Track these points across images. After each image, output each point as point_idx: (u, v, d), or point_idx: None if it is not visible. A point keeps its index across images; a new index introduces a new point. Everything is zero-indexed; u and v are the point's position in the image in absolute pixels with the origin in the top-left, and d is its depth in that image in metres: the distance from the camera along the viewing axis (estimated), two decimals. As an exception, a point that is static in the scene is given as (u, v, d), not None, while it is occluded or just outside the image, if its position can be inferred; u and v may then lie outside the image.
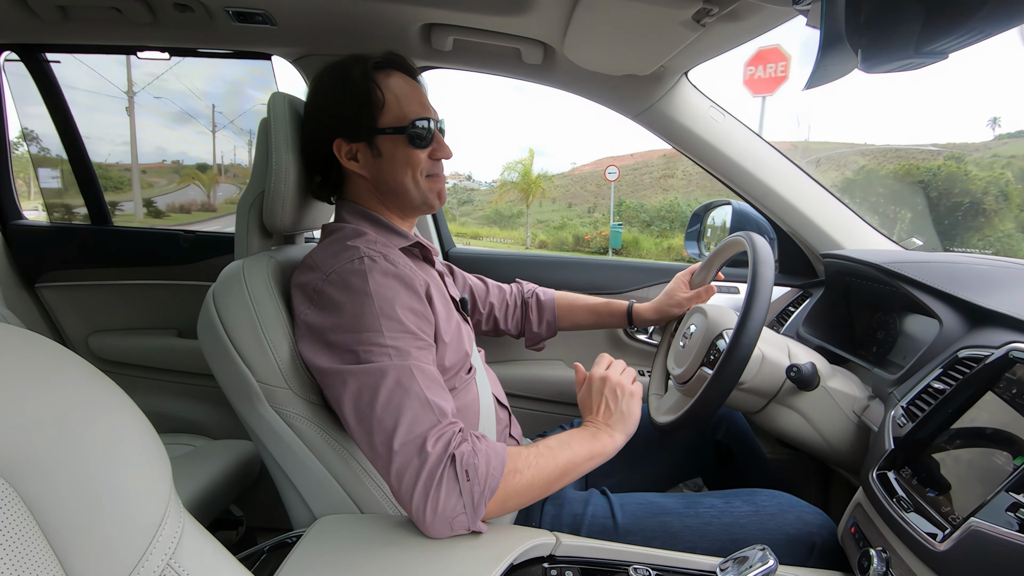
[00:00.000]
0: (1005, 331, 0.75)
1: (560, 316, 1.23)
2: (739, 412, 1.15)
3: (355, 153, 0.87)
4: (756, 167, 1.35)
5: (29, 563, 0.35)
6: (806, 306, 1.30)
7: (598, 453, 0.79)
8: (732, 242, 1.07)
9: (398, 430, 0.68)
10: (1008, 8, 0.42)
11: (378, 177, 0.88)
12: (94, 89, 15.18)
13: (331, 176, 0.91)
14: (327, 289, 0.76)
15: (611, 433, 0.81)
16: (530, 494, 0.74)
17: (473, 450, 0.69)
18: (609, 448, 0.81)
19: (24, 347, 0.41)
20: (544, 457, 0.75)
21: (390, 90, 0.86)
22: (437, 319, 0.81)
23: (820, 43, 0.57)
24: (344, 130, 0.86)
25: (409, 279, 0.78)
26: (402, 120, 0.85)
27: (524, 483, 0.72)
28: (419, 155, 0.87)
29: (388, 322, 0.73)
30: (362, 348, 0.72)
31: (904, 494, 0.70)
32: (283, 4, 1.16)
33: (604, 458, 0.80)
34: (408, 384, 0.70)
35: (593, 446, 0.79)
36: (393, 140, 0.86)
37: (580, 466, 0.78)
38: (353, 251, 0.78)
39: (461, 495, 0.67)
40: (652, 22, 0.93)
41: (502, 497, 0.71)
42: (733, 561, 0.65)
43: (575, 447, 0.78)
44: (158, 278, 1.69)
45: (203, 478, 1.22)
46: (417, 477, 0.67)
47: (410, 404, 0.69)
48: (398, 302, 0.75)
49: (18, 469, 0.36)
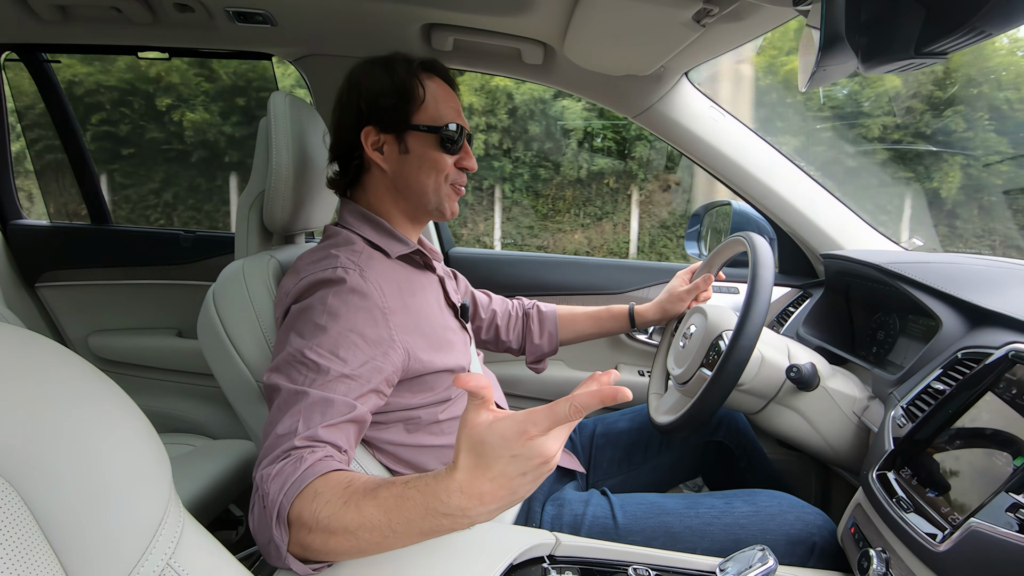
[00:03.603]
0: (1005, 331, 0.75)
1: (562, 326, 1.20)
2: (740, 412, 1.15)
3: (381, 144, 0.86)
4: (756, 167, 1.35)
5: (29, 562, 0.35)
6: (806, 306, 1.30)
7: (412, 531, 0.54)
8: (732, 242, 1.07)
9: (265, 443, 0.65)
10: (1008, 8, 0.42)
11: (399, 174, 0.87)
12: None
13: (351, 167, 0.89)
14: (294, 293, 0.77)
15: (460, 520, 0.53)
16: (328, 548, 0.56)
17: (273, 473, 0.60)
18: (438, 532, 0.55)
19: (24, 347, 0.41)
20: (340, 516, 0.55)
21: (431, 91, 0.86)
22: (418, 324, 0.81)
23: (820, 43, 0.57)
24: (377, 119, 0.85)
25: (373, 302, 0.75)
26: (437, 121, 0.85)
27: (314, 532, 0.56)
28: (446, 160, 0.86)
29: (324, 338, 0.70)
30: (289, 350, 0.71)
31: (904, 494, 0.70)
32: (283, 4, 1.16)
33: (411, 539, 0.56)
34: (293, 403, 0.66)
35: (419, 523, 0.53)
36: (424, 139, 0.85)
37: (384, 540, 0.55)
38: (333, 260, 0.77)
39: (261, 522, 0.59)
40: (652, 22, 0.93)
41: (299, 538, 0.56)
42: (733, 561, 0.65)
43: (395, 514, 0.54)
44: (158, 278, 1.69)
45: (203, 478, 1.22)
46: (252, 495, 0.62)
47: (278, 425, 0.65)
48: (348, 324, 0.72)
49: (18, 469, 0.36)
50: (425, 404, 0.82)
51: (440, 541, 0.69)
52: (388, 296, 0.78)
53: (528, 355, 1.21)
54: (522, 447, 0.49)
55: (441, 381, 0.83)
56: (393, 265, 0.85)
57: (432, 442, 0.83)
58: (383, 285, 0.78)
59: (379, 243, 0.85)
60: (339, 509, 0.55)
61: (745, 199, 1.41)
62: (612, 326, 1.21)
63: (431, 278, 0.93)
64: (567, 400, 0.50)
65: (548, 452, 0.50)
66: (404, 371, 0.78)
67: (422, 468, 0.81)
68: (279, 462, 0.61)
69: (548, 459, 0.51)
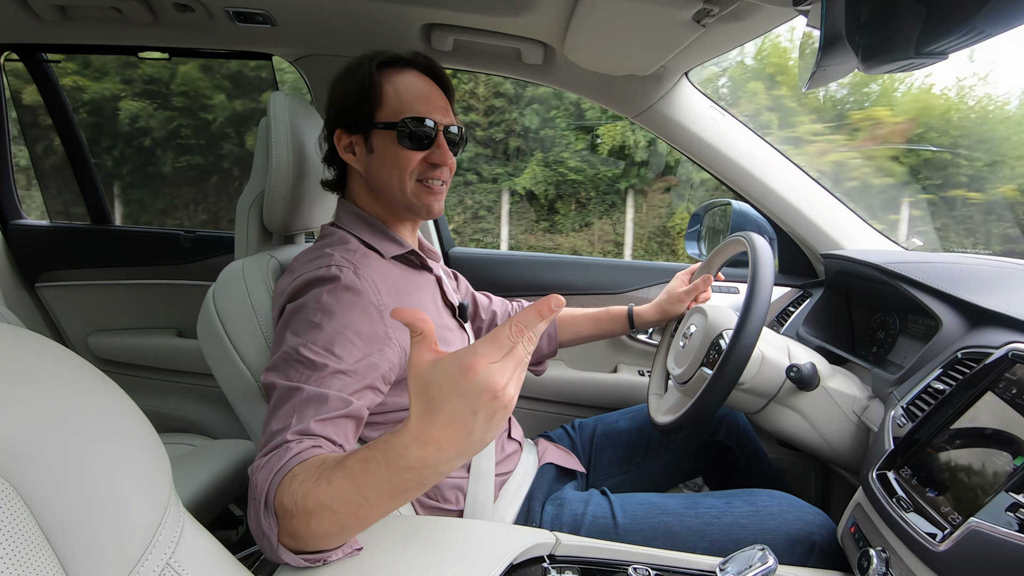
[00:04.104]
0: (1005, 331, 0.75)
1: (561, 328, 1.20)
2: (740, 412, 1.15)
3: (352, 146, 0.87)
4: (756, 167, 1.35)
5: (29, 562, 0.35)
6: (806, 306, 1.30)
7: (383, 495, 0.53)
8: (732, 242, 1.07)
9: (261, 440, 0.66)
10: (1008, 8, 0.42)
11: (370, 175, 0.87)
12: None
13: (337, 170, 0.92)
14: (290, 292, 0.77)
15: (423, 473, 0.51)
16: (311, 531, 0.55)
17: (262, 464, 0.60)
18: (407, 491, 0.54)
19: (24, 347, 0.41)
20: (314, 494, 0.55)
21: (393, 86, 0.85)
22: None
23: (820, 43, 0.57)
24: (345, 121, 0.86)
25: (367, 299, 0.75)
26: (395, 117, 0.84)
27: (298, 516, 0.55)
28: (409, 156, 0.84)
29: (319, 336, 0.70)
30: (285, 349, 0.71)
31: (904, 494, 0.70)
32: (283, 4, 1.16)
33: (391, 500, 0.55)
34: (288, 399, 0.67)
35: (385, 483, 0.52)
36: (385, 137, 0.85)
37: (354, 506, 0.54)
38: (327, 258, 0.78)
39: (252, 515, 0.59)
40: (652, 22, 0.93)
41: (288, 527, 0.56)
42: (733, 561, 0.65)
43: (362, 478, 0.53)
44: (158, 278, 1.69)
45: (203, 478, 1.22)
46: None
47: (273, 422, 0.66)
48: (343, 321, 0.72)
49: (18, 469, 0.36)
50: None
51: (440, 541, 0.70)
52: (383, 294, 0.78)
53: None
54: (467, 382, 0.46)
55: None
56: (388, 265, 0.85)
57: None
58: (378, 283, 0.78)
59: (373, 243, 0.86)
60: (312, 487, 0.55)
61: (745, 199, 1.41)
62: (611, 328, 1.21)
63: (427, 278, 0.93)
64: (507, 323, 0.48)
65: (496, 384, 0.46)
66: (400, 369, 0.78)
67: None
68: (269, 454, 0.61)
69: (497, 392, 0.47)
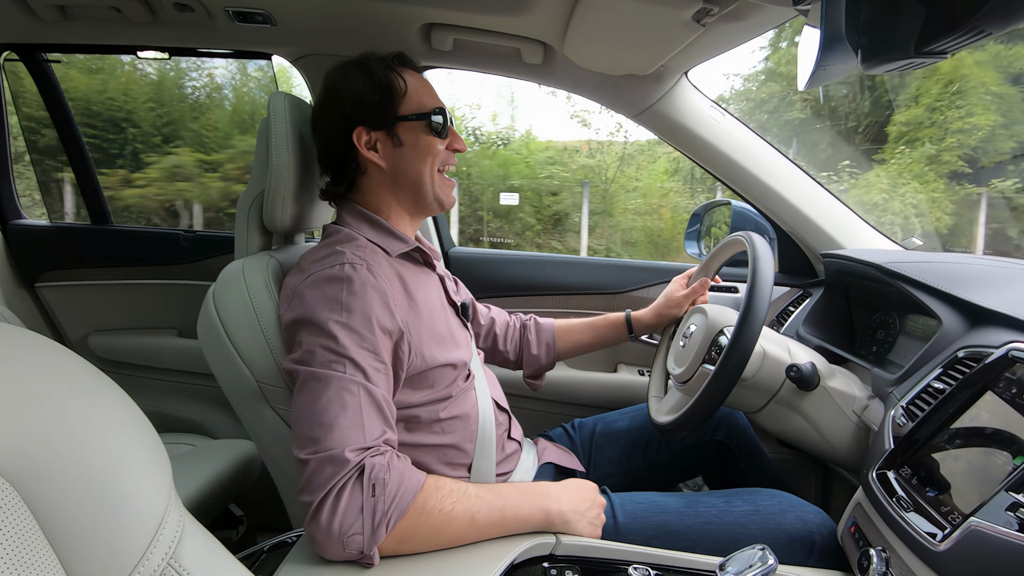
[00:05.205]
0: (1005, 331, 0.75)
1: (559, 337, 1.19)
2: (740, 412, 1.15)
3: (375, 142, 0.88)
4: (756, 167, 1.35)
5: (30, 562, 0.35)
6: (806, 306, 1.30)
7: (525, 519, 0.75)
8: (731, 242, 1.07)
9: (321, 441, 0.67)
10: (1008, 8, 0.42)
11: (397, 168, 0.88)
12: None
13: (347, 172, 0.90)
14: (304, 291, 0.77)
15: (561, 515, 0.77)
16: (435, 537, 0.70)
17: (387, 465, 0.67)
18: (540, 519, 0.76)
19: (24, 347, 0.41)
20: (463, 502, 0.71)
21: (409, 82, 0.89)
22: (421, 319, 0.81)
23: (820, 43, 0.57)
24: (366, 118, 0.86)
25: (385, 294, 0.77)
26: (422, 108, 0.88)
27: (433, 522, 0.69)
28: (438, 144, 0.89)
29: (351, 333, 0.72)
30: (319, 352, 0.72)
31: (904, 494, 0.70)
32: (283, 4, 1.16)
33: (525, 526, 0.75)
34: (348, 399, 0.69)
35: (529, 506, 0.75)
36: (414, 128, 0.88)
37: (493, 525, 0.73)
38: (339, 256, 0.78)
39: (363, 510, 0.64)
40: (652, 22, 0.93)
41: (405, 529, 0.67)
42: (733, 560, 0.65)
43: (510, 502, 0.75)
44: (158, 278, 1.69)
45: (203, 478, 1.22)
46: (324, 485, 0.65)
47: (343, 419, 0.68)
48: (367, 315, 0.74)
49: (19, 469, 0.36)
50: (426, 402, 0.82)
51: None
52: (394, 290, 0.79)
53: (525, 367, 1.20)
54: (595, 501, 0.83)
55: (443, 377, 0.84)
56: (394, 263, 0.85)
57: (432, 441, 0.84)
58: (389, 280, 0.79)
59: (379, 242, 0.86)
60: (462, 497, 0.71)
61: (745, 199, 1.41)
62: (610, 335, 1.21)
63: (432, 276, 0.93)
64: None
65: (599, 506, 0.84)
66: (409, 368, 0.78)
67: (422, 467, 0.81)
68: (369, 456, 0.67)
69: (599, 514, 0.83)
